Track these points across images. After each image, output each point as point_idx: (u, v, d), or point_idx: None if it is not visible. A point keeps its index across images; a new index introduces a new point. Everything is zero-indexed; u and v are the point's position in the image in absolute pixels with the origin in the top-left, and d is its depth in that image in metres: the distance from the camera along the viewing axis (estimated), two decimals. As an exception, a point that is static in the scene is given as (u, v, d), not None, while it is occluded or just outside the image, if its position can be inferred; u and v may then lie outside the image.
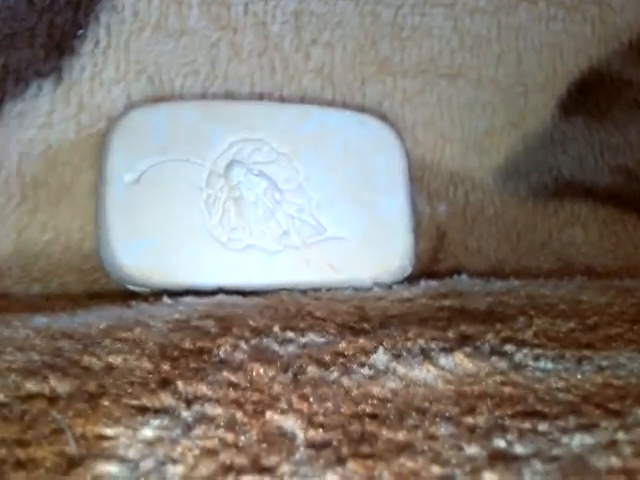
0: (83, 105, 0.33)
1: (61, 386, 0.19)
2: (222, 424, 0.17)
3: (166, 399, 0.19)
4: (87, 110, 0.33)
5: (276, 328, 0.24)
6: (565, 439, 0.17)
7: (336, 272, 0.32)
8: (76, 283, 0.33)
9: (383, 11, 0.37)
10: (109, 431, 0.17)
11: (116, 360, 0.21)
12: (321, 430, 0.17)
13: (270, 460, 0.16)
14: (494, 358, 0.22)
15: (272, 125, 0.33)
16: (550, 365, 0.22)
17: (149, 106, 0.33)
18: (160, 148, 0.31)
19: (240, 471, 0.15)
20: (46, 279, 0.32)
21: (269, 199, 0.33)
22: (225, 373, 0.20)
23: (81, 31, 0.33)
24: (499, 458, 0.16)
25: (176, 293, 0.30)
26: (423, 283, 0.33)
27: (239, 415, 0.18)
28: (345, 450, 0.16)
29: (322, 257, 0.32)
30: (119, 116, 0.33)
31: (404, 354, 0.22)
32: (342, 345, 0.23)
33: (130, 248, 0.30)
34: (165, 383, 0.20)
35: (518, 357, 0.22)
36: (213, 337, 0.23)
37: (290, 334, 0.24)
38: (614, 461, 0.16)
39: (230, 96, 0.36)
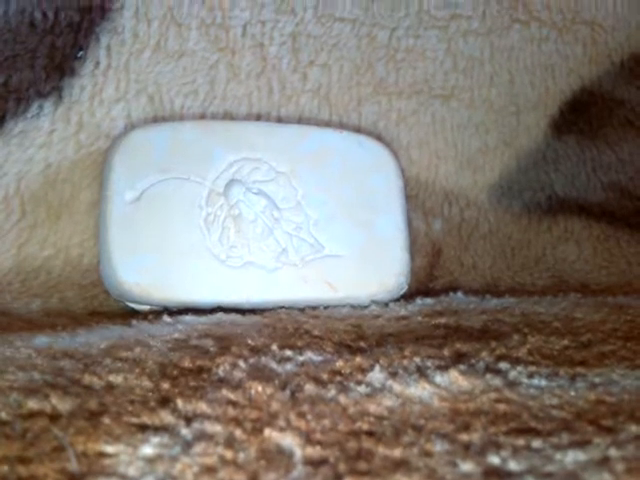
0: (83, 124, 0.34)
1: (62, 404, 0.19)
2: (221, 441, 0.18)
3: (166, 417, 0.19)
4: (87, 129, 0.34)
5: (274, 347, 0.25)
6: (558, 456, 0.17)
7: (334, 290, 0.33)
8: (76, 299, 0.33)
9: (378, 33, 0.38)
10: (110, 449, 0.17)
11: (117, 379, 0.21)
12: (319, 447, 0.17)
13: (268, 477, 0.16)
14: (489, 376, 0.22)
15: (271, 145, 0.34)
16: (544, 382, 0.22)
17: (150, 126, 0.34)
18: (161, 167, 0.32)
19: (239, 488, 0.16)
20: (46, 294, 0.33)
21: (268, 217, 0.33)
22: (224, 391, 0.21)
23: (81, 52, 0.34)
24: (493, 475, 0.16)
25: (176, 311, 0.30)
26: (419, 301, 0.33)
27: (238, 433, 0.18)
28: (342, 467, 0.16)
29: (320, 275, 0.33)
30: (120, 135, 0.33)
31: (400, 372, 0.22)
32: (339, 363, 0.23)
33: (130, 265, 0.30)
34: (165, 401, 0.20)
35: (512, 374, 0.22)
36: (212, 356, 0.24)
37: (288, 352, 0.24)
38: (607, 478, 0.16)
39: (229, 116, 0.36)
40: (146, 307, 0.31)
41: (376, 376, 0.22)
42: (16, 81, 0.33)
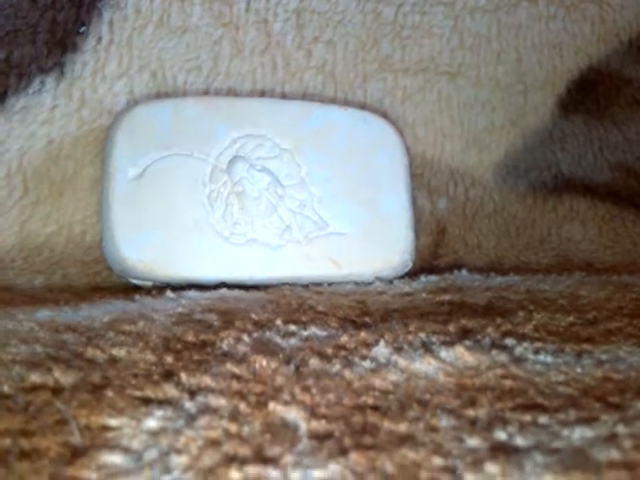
0: (85, 100, 0.34)
1: (65, 378, 0.19)
2: (225, 415, 0.17)
3: (169, 390, 0.19)
4: (89, 105, 0.34)
5: (278, 321, 0.25)
6: (565, 432, 0.17)
7: (338, 267, 0.32)
8: (79, 275, 0.33)
9: (384, 9, 0.37)
10: (113, 422, 0.17)
11: (120, 352, 0.21)
12: (324, 421, 0.17)
13: (273, 451, 0.16)
14: (494, 351, 0.22)
15: (275, 121, 0.33)
16: (550, 359, 0.22)
17: (153, 102, 0.33)
18: (164, 143, 0.32)
19: (243, 461, 0.15)
20: (49, 271, 0.32)
21: (272, 194, 0.33)
22: (228, 365, 0.20)
23: (83, 28, 0.33)
24: (500, 450, 0.16)
25: (179, 287, 0.30)
26: (423, 278, 0.33)
27: (242, 406, 0.18)
28: (347, 441, 0.16)
29: (324, 252, 0.32)
30: (123, 111, 0.33)
31: (405, 347, 0.22)
32: (344, 338, 0.23)
33: (134, 242, 0.30)
34: (168, 375, 0.20)
35: (518, 351, 0.22)
36: (216, 330, 0.23)
37: (292, 327, 0.24)
38: (614, 454, 0.16)
39: (232, 92, 0.36)
40: (149, 284, 0.31)
41: (381, 351, 0.22)
42: (17, 56, 0.32)
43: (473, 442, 0.16)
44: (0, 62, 0.32)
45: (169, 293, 0.29)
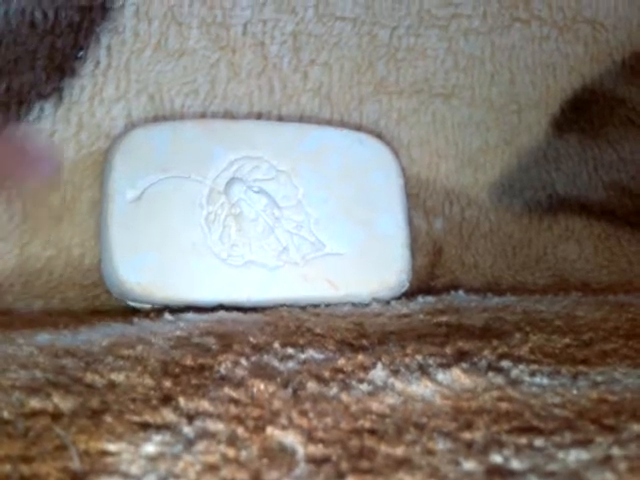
0: (83, 124, 0.34)
1: (64, 403, 0.19)
2: (223, 440, 0.18)
3: (168, 415, 0.19)
4: (87, 129, 0.34)
5: (276, 344, 0.25)
6: (561, 454, 0.17)
7: (335, 288, 0.33)
8: (77, 299, 0.33)
9: (379, 32, 0.38)
10: (112, 447, 0.17)
11: (118, 377, 0.21)
12: (321, 445, 0.17)
13: (271, 475, 0.16)
14: (491, 374, 0.22)
15: (271, 143, 0.34)
16: (546, 381, 0.22)
17: (150, 125, 0.34)
18: (161, 166, 0.32)
19: (241, 486, 0.16)
20: (48, 295, 0.33)
21: (269, 216, 0.33)
22: (226, 389, 0.21)
23: (82, 52, 0.34)
24: (496, 473, 0.16)
25: (177, 309, 0.30)
26: (421, 299, 0.33)
27: (240, 431, 0.18)
28: (345, 465, 0.16)
29: (321, 273, 0.33)
30: (121, 135, 0.33)
31: (402, 370, 0.22)
32: (341, 361, 0.23)
33: (132, 264, 0.30)
34: (167, 399, 0.20)
35: (514, 373, 0.22)
36: (214, 354, 0.24)
37: (290, 350, 0.24)
38: (609, 477, 0.16)
39: (229, 115, 0.36)
40: (147, 306, 0.31)
41: (378, 374, 0.22)
42: (17, 84, 0.33)
43: (469, 465, 0.16)
44: (0, 94, 0.32)
45: (167, 316, 0.29)
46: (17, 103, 0.33)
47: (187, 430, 0.18)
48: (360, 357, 0.24)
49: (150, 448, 0.17)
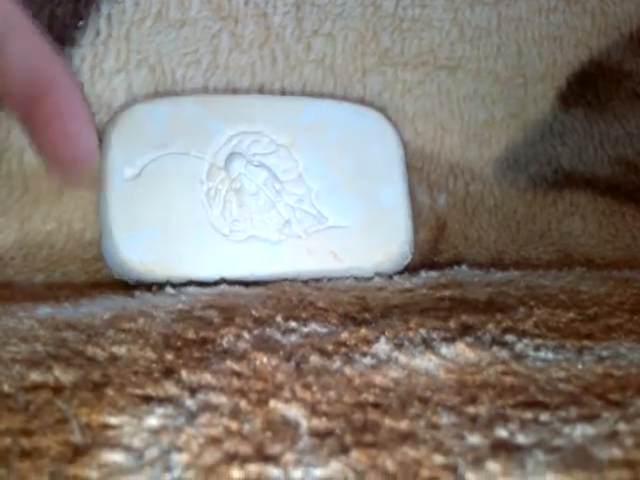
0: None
1: (65, 376, 0.19)
2: (226, 413, 0.17)
3: (170, 388, 0.19)
4: (88, 100, 0.33)
5: (279, 318, 0.25)
6: (567, 429, 0.17)
7: (338, 260, 0.32)
8: (78, 272, 0.33)
9: (384, 2, 0.37)
10: (114, 420, 0.17)
11: (120, 350, 0.21)
12: (324, 419, 0.17)
13: (274, 448, 0.16)
14: (495, 348, 0.22)
15: (270, 117, 0.33)
16: (551, 355, 0.22)
17: (148, 101, 0.33)
18: (160, 142, 0.32)
19: (244, 459, 0.15)
20: (49, 269, 0.32)
21: (270, 190, 0.33)
22: (228, 362, 0.20)
23: (82, 22, 0.33)
24: (501, 448, 0.16)
25: (179, 284, 0.30)
26: (424, 274, 0.33)
27: (243, 404, 0.18)
28: (348, 439, 0.16)
29: (324, 246, 0.33)
30: (118, 112, 0.33)
31: (406, 344, 0.22)
32: (344, 335, 0.23)
33: (132, 242, 0.30)
34: (169, 372, 0.20)
35: (519, 347, 0.22)
36: (216, 327, 0.23)
37: (293, 324, 0.24)
38: (615, 452, 0.16)
39: (231, 86, 0.36)
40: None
41: (381, 347, 0.22)
42: (16, 51, 0.32)
43: (474, 440, 0.16)
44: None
45: (169, 289, 0.29)
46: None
47: (189, 403, 0.18)
48: (363, 331, 0.23)
49: (152, 421, 0.17)
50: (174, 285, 0.29)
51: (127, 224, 0.30)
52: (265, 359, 0.21)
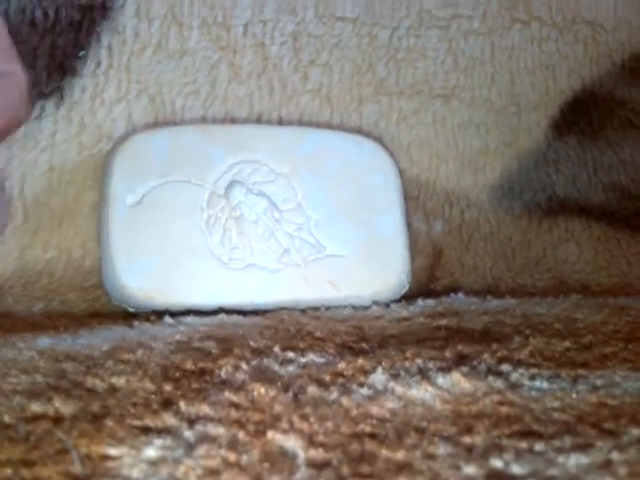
0: (84, 125, 0.34)
1: (65, 407, 0.19)
2: (224, 444, 0.18)
3: (169, 419, 0.19)
4: (88, 130, 0.34)
5: (276, 348, 0.25)
6: (561, 459, 0.17)
7: (336, 289, 0.33)
8: (78, 301, 0.33)
9: (379, 33, 0.38)
10: (113, 451, 0.17)
11: (119, 381, 0.21)
12: (321, 449, 0.17)
13: (272, 479, 0.16)
14: (491, 378, 0.22)
15: (270, 147, 0.34)
16: (546, 384, 0.22)
17: (150, 130, 0.34)
18: (161, 170, 0.32)
19: (242, 491, 0.16)
20: (48, 297, 0.33)
21: (269, 218, 0.33)
22: (227, 393, 0.21)
23: (83, 52, 0.34)
24: (496, 478, 0.16)
25: (178, 312, 0.30)
26: (420, 302, 0.33)
27: (241, 435, 0.18)
28: (345, 469, 0.16)
29: (322, 274, 0.33)
30: (120, 140, 0.33)
31: (402, 374, 0.22)
32: (341, 365, 0.23)
33: (132, 270, 0.30)
34: (167, 403, 0.20)
35: (514, 377, 0.22)
36: (214, 358, 0.24)
37: (290, 354, 0.24)
38: (609, 481, 0.16)
39: (229, 116, 0.36)
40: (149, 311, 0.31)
41: (378, 378, 0.22)
42: (18, 82, 0.33)
43: (470, 470, 0.17)
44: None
45: (168, 319, 0.29)
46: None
47: (188, 434, 0.18)
48: (360, 361, 0.24)
49: (151, 452, 0.17)
50: (173, 314, 0.30)
51: (128, 250, 0.31)
52: (263, 390, 0.21)
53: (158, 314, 0.30)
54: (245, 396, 0.20)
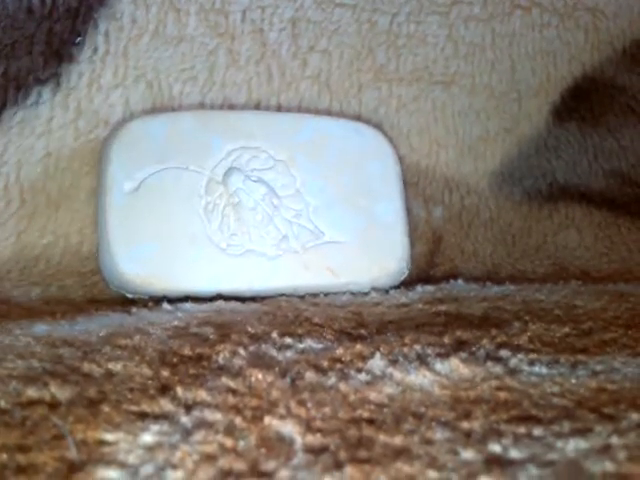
0: (81, 111, 0.34)
1: (61, 392, 0.19)
2: (221, 429, 0.17)
3: (165, 405, 0.19)
4: (85, 116, 0.34)
5: (274, 334, 0.25)
6: (560, 444, 0.17)
7: (335, 276, 0.33)
8: (75, 286, 0.33)
9: (379, 19, 0.37)
10: (109, 437, 0.17)
11: (116, 367, 0.21)
12: (319, 435, 0.17)
13: (269, 465, 0.16)
14: (489, 363, 0.22)
15: (269, 133, 0.34)
16: (545, 370, 0.22)
17: (148, 116, 0.33)
18: (159, 157, 0.32)
19: (239, 476, 0.15)
20: (45, 282, 0.32)
21: (268, 205, 0.33)
22: (224, 379, 0.20)
23: (79, 38, 0.33)
24: (495, 463, 0.16)
25: (176, 299, 0.30)
26: (419, 288, 0.33)
27: (238, 420, 0.18)
28: (343, 455, 0.16)
29: (321, 261, 0.33)
30: (118, 126, 0.33)
31: (400, 359, 0.22)
32: (339, 351, 0.23)
33: (130, 256, 0.30)
34: (164, 389, 0.20)
35: (513, 362, 0.22)
36: (212, 344, 0.24)
37: (288, 340, 0.24)
38: (608, 466, 0.16)
39: (228, 103, 0.36)
40: (146, 297, 0.31)
41: (376, 363, 0.22)
42: (15, 69, 0.32)
43: (468, 455, 0.16)
44: (-1, 76, 0.32)
45: (166, 305, 0.29)
46: (15, 87, 0.32)
47: (185, 420, 0.18)
48: (358, 347, 0.24)
49: (148, 438, 0.17)
50: (170, 301, 0.30)
51: (125, 237, 0.31)
52: (260, 376, 0.21)
53: (156, 300, 0.30)
54: (242, 382, 0.20)
